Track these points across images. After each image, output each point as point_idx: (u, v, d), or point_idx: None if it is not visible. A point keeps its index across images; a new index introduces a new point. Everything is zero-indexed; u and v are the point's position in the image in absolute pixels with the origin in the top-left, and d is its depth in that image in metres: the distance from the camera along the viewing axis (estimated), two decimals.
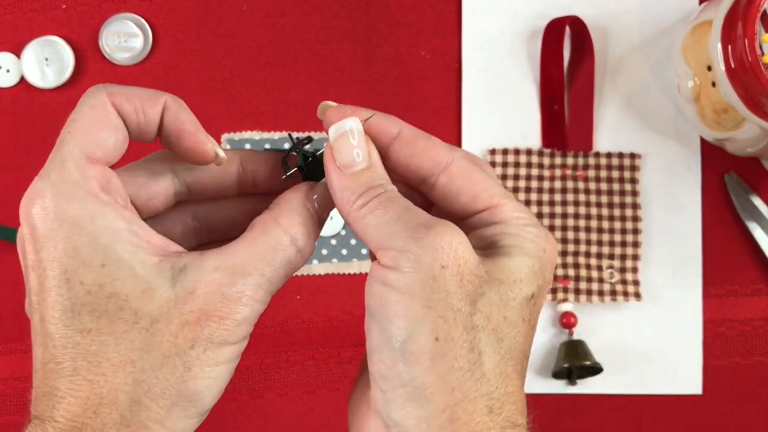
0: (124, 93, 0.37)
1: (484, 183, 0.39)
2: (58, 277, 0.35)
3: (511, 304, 0.36)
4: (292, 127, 0.70)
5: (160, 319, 0.35)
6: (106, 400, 0.35)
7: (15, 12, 0.70)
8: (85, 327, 0.35)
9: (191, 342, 0.35)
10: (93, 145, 0.36)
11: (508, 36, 0.70)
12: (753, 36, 0.57)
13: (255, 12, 0.70)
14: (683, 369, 0.69)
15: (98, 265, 0.35)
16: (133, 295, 0.35)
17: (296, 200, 0.38)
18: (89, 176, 0.36)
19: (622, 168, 0.69)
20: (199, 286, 0.35)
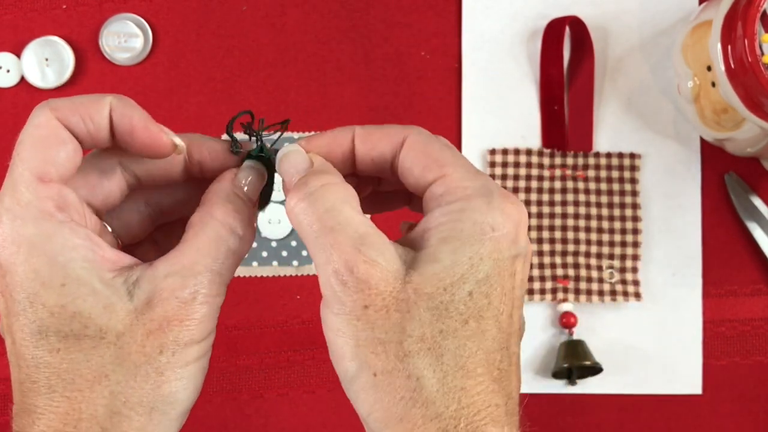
0: (68, 105, 0.37)
1: (436, 153, 0.38)
2: (23, 301, 0.35)
3: (445, 313, 0.35)
4: (292, 127, 0.70)
5: (125, 332, 0.36)
6: (86, 415, 0.35)
7: (15, 12, 0.70)
8: (54, 347, 0.35)
9: (159, 348, 0.36)
10: (43, 164, 0.36)
11: (508, 36, 0.70)
12: (753, 36, 0.57)
13: (255, 12, 0.70)
14: (683, 369, 0.69)
15: (58, 285, 0.35)
16: (95, 312, 0.35)
17: (225, 189, 0.39)
18: (42, 196, 0.36)
19: (622, 168, 0.69)
20: (155, 296, 0.36)
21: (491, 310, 0.36)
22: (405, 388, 0.35)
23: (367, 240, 0.35)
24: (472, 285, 0.35)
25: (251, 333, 0.69)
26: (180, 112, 0.70)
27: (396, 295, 0.35)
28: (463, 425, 0.35)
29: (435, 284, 0.35)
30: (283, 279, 0.69)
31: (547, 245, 0.69)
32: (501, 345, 0.36)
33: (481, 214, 0.36)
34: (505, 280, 0.36)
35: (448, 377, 0.35)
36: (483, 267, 0.35)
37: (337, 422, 0.69)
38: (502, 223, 0.36)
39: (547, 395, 0.69)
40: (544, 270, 0.69)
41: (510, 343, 0.37)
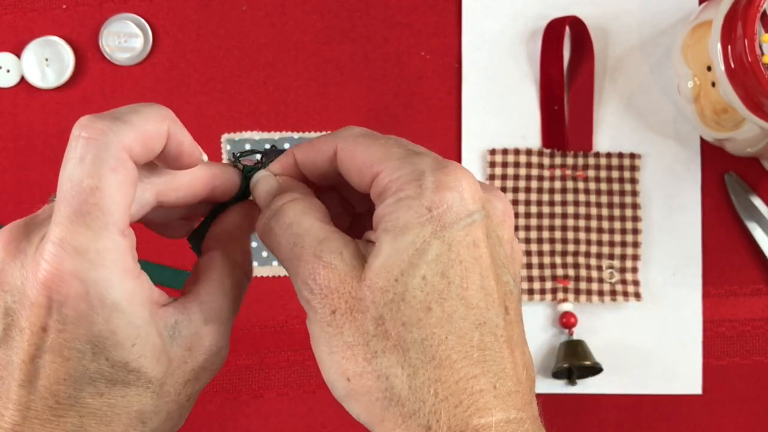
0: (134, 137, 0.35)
1: (362, 155, 0.37)
2: (84, 350, 0.34)
3: (403, 304, 0.34)
4: (292, 127, 0.70)
5: (166, 381, 0.36)
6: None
7: (15, 12, 0.70)
8: (99, 392, 0.35)
9: (188, 396, 0.38)
10: (124, 216, 0.35)
11: (508, 36, 0.70)
12: (753, 36, 0.57)
13: (255, 12, 0.70)
14: (683, 369, 0.69)
15: (130, 345, 0.35)
16: (151, 366, 0.36)
17: (239, 229, 0.40)
18: (124, 253, 0.35)
19: (622, 168, 0.69)
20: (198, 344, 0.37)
21: (453, 289, 0.34)
22: (377, 389, 0.34)
23: (326, 245, 0.35)
24: (423, 269, 0.34)
25: (251, 333, 0.69)
26: (180, 112, 0.69)
27: (355, 294, 0.34)
28: (445, 419, 0.33)
29: (385, 277, 0.34)
30: (283, 279, 0.69)
31: (547, 245, 0.69)
32: (476, 322, 0.35)
33: (414, 199, 0.34)
34: (463, 254, 0.34)
35: (419, 371, 0.34)
36: (430, 248, 0.34)
37: (337, 422, 0.69)
38: (438, 201, 0.34)
39: (547, 395, 0.69)
40: (544, 270, 0.69)
41: (489, 317, 0.35)
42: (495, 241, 0.36)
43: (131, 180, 0.35)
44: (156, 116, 0.36)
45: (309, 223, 0.36)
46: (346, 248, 0.35)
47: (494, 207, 0.36)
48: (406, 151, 0.36)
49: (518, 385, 0.35)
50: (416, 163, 0.35)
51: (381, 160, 0.36)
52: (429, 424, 0.34)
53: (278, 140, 0.69)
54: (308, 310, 0.36)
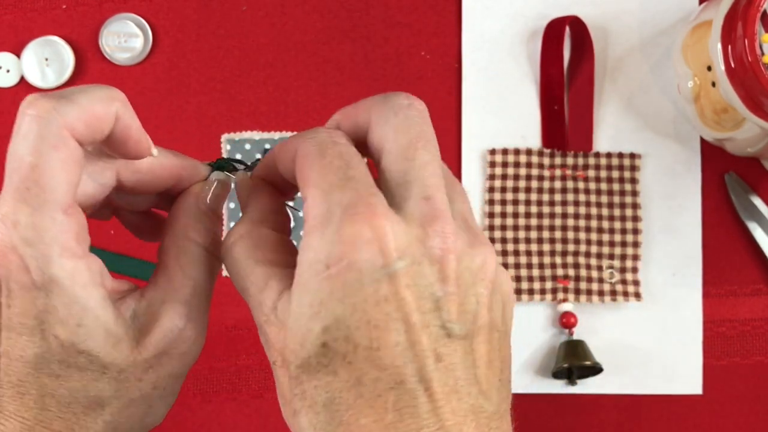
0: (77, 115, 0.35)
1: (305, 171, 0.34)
2: (32, 326, 0.35)
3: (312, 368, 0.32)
4: (292, 127, 0.70)
5: (127, 368, 0.36)
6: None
7: (15, 12, 0.70)
8: (55, 373, 0.35)
9: (153, 384, 0.37)
10: (66, 194, 0.34)
11: (508, 36, 0.70)
12: (753, 36, 0.57)
13: (255, 12, 0.70)
14: (683, 369, 0.69)
15: (74, 324, 0.35)
16: (104, 351, 0.35)
17: (193, 208, 0.39)
18: (65, 230, 0.34)
19: (622, 168, 0.69)
20: (154, 325, 0.36)
21: (361, 352, 0.31)
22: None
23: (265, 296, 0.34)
24: (320, 336, 0.32)
25: (251, 333, 0.69)
26: (180, 112, 0.70)
27: (281, 352, 0.34)
28: None
29: (293, 340, 0.33)
30: None
31: (547, 245, 0.69)
32: (392, 382, 0.32)
33: (314, 251, 0.32)
34: (371, 313, 0.31)
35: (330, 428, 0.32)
36: (327, 313, 0.31)
37: None
38: (338, 255, 0.31)
39: (547, 395, 0.69)
40: (544, 270, 0.69)
41: (408, 373, 0.32)
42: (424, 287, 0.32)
43: (74, 159, 0.34)
44: (104, 97, 0.36)
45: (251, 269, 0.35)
46: (280, 300, 0.34)
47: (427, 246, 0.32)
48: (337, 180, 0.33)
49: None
50: (332, 202, 0.32)
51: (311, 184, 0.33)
52: None
53: (278, 140, 0.69)
54: None
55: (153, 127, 0.69)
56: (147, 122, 0.71)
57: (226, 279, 0.65)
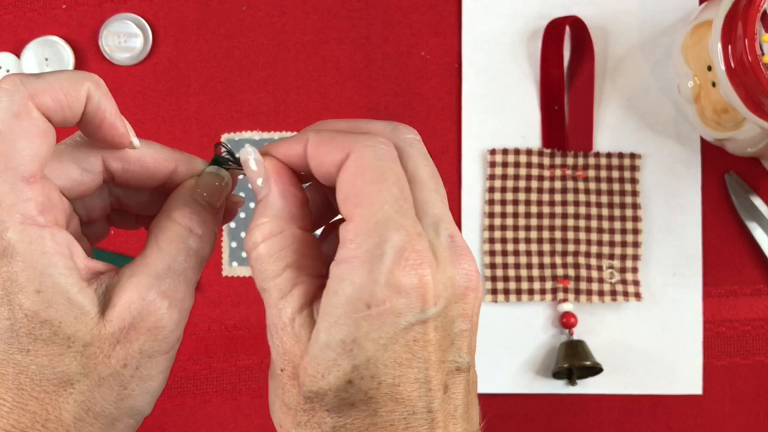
0: (46, 89, 0.35)
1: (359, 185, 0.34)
2: (1, 297, 0.35)
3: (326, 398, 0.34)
4: (292, 127, 0.70)
5: (93, 342, 0.35)
6: (52, 416, 0.36)
7: (15, 12, 0.70)
8: (24, 347, 0.35)
9: (123, 361, 0.36)
10: (28, 162, 0.35)
11: (508, 36, 0.70)
12: (753, 36, 0.57)
13: (255, 12, 0.70)
14: (683, 369, 0.69)
15: (33, 291, 0.35)
16: (66, 321, 0.35)
17: (184, 195, 0.39)
18: (26, 198, 0.35)
19: (622, 168, 0.69)
20: (120, 297, 0.36)
21: (383, 389, 0.33)
22: None
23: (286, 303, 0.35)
24: (348, 373, 0.33)
25: (251, 333, 0.69)
26: (180, 112, 0.70)
27: (297, 363, 0.34)
28: None
29: (314, 368, 0.33)
30: None
31: (547, 245, 0.69)
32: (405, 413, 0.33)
33: (357, 288, 0.32)
34: (398, 352, 0.33)
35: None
36: (361, 351, 0.32)
37: None
38: (381, 298, 0.32)
39: (547, 395, 0.69)
40: (544, 270, 0.69)
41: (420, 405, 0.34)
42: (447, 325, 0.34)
43: (38, 130, 0.35)
44: (75, 77, 0.36)
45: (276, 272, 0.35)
46: (300, 314, 0.34)
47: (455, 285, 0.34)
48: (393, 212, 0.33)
49: None
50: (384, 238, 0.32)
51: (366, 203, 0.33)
52: None
53: (278, 140, 0.69)
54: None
55: (153, 127, 0.69)
56: (147, 122, 0.71)
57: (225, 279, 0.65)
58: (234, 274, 0.69)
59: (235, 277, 0.69)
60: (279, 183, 0.37)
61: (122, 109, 0.72)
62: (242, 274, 0.69)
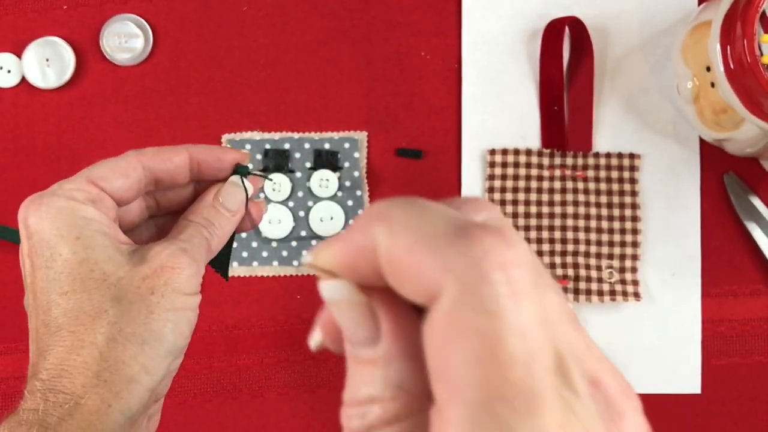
0: (151, 150, 0.47)
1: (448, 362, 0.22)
2: (45, 253, 0.43)
3: None
4: (292, 127, 0.70)
5: (125, 276, 0.43)
6: (87, 342, 0.41)
7: (16, 12, 0.70)
8: (64, 290, 0.42)
9: (150, 289, 0.43)
10: (99, 176, 0.45)
11: (508, 36, 0.70)
12: (752, 37, 0.57)
13: (255, 12, 0.70)
14: (682, 369, 0.69)
15: (73, 237, 0.43)
16: (102, 259, 0.42)
17: (205, 199, 0.48)
18: (81, 188, 0.44)
19: (622, 168, 0.69)
20: (150, 252, 0.44)
21: None
22: None
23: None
24: None
25: (251, 333, 0.69)
26: (180, 112, 0.70)
27: None
28: None
29: None
30: (283, 279, 0.70)
31: (547, 245, 0.69)
32: None
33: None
34: None
35: None
36: None
37: (337, 422, 0.69)
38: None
39: None
40: None
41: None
42: None
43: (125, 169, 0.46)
44: (176, 148, 0.48)
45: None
46: None
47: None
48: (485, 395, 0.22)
49: None
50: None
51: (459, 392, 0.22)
52: None
53: (278, 140, 0.70)
54: None
55: (153, 127, 0.70)
56: (147, 122, 0.72)
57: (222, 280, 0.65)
58: (234, 274, 0.69)
59: (236, 277, 0.69)
60: (398, 340, 0.24)
61: (123, 110, 0.72)
62: (242, 274, 0.69)
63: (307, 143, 0.69)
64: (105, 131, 0.70)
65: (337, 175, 0.69)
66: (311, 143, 0.70)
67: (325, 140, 0.70)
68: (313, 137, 0.70)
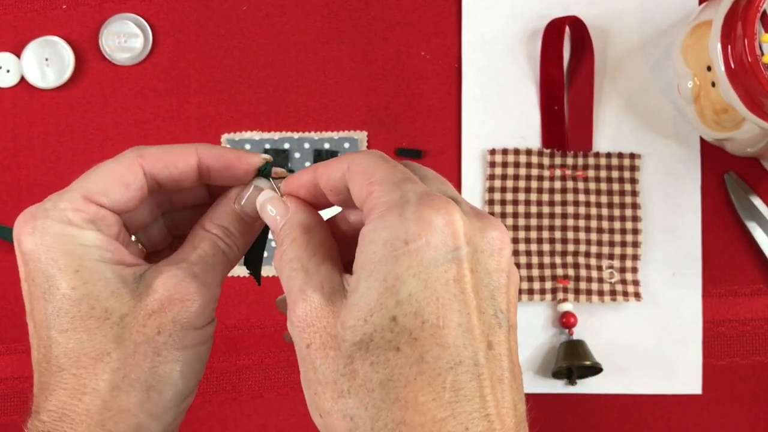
0: (155, 153, 0.41)
1: (369, 171, 0.36)
2: (43, 284, 0.39)
3: (372, 344, 0.33)
4: (292, 127, 0.70)
5: (129, 313, 0.39)
6: (89, 389, 0.38)
7: (15, 12, 0.70)
8: (64, 327, 0.38)
9: (157, 329, 0.39)
10: (96, 191, 0.40)
11: (508, 36, 0.70)
12: (753, 36, 0.57)
13: (255, 12, 0.70)
14: (683, 369, 0.69)
15: (72, 270, 0.39)
16: (103, 295, 0.39)
17: (221, 202, 0.43)
18: (78, 209, 0.40)
19: (622, 168, 0.69)
20: (157, 280, 0.39)
21: (427, 329, 0.33)
22: (342, 429, 0.34)
23: (311, 279, 0.36)
24: (393, 309, 0.33)
25: (251, 333, 0.69)
26: (180, 112, 0.70)
27: (330, 330, 0.34)
28: None
29: (355, 315, 0.33)
30: None
31: (547, 245, 0.69)
32: (451, 362, 0.33)
33: (391, 230, 0.34)
34: (438, 292, 0.33)
35: (382, 413, 0.33)
36: (403, 287, 0.33)
37: None
38: (417, 233, 0.33)
39: (547, 395, 0.69)
40: (544, 270, 0.69)
41: (466, 355, 0.33)
42: (482, 274, 0.35)
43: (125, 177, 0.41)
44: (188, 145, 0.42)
45: (306, 259, 0.37)
46: (329, 282, 0.35)
47: (487, 237, 0.35)
48: (404, 177, 0.36)
49: (500, 424, 0.34)
50: (406, 190, 0.35)
51: (379, 180, 0.35)
52: None
53: (278, 140, 0.69)
54: (294, 343, 0.36)
55: (153, 127, 0.70)
56: (147, 122, 0.72)
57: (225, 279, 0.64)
58: (234, 274, 0.69)
59: (236, 277, 0.69)
60: (295, 201, 0.40)
61: (123, 109, 0.72)
62: (242, 274, 0.69)
63: (306, 143, 0.69)
64: (104, 131, 0.70)
65: None
66: (311, 143, 0.69)
67: (324, 140, 0.69)
68: (313, 137, 0.70)
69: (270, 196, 0.41)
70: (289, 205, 0.40)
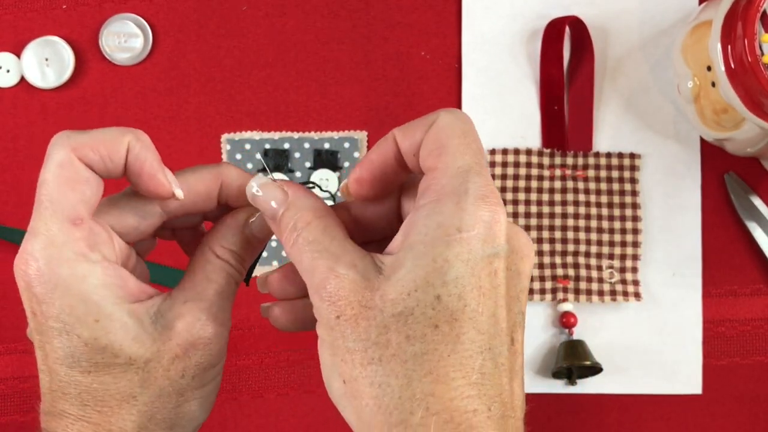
0: (88, 144, 0.39)
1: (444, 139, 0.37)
2: (57, 328, 0.38)
3: (411, 318, 0.35)
4: (292, 127, 0.70)
5: (152, 358, 0.39)
6: (116, 427, 0.39)
7: (15, 12, 0.70)
8: (86, 370, 0.39)
9: (181, 372, 0.40)
10: (72, 207, 0.39)
11: (508, 36, 0.70)
12: (753, 36, 0.57)
13: (255, 12, 0.70)
14: (683, 369, 0.69)
15: (92, 321, 0.38)
16: (126, 344, 0.39)
17: (233, 225, 0.43)
18: (75, 238, 0.39)
19: (622, 168, 0.69)
20: (178, 320, 0.40)
21: (467, 312, 0.35)
22: (368, 395, 0.35)
23: (342, 258, 0.37)
24: (439, 288, 0.35)
25: (251, 333, 0.69)
26: (180, 112, 0.70)
27: (365, 303, 0.35)
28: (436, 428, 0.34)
29: (398, 290, 0.35)
30: None
31: (547, 245, 0.69)
32: (482, 347, 0.35)
33: (447, 216, 0.35)
34: (482, 280, 0.35)
35: (414, 383, 0.35)
36: (451, 269, 0.35)
37: (337, 422, 0.69)
38: (470, 224, 0.35)
39: (547, 395, 0.69)
40: (544, 270, 0.69)
41: (494, 344, 0.36)
42: (514, 274, 0.37)
43: (80, 177, 0.39)
44: (116, 131, 0.40)
45: (327, 242, 0.37)
46: (362, 261, 0.36)
47: (520, 242, 0.37)
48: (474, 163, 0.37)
49: (513, 412, 0.36)
50: (465, 178, 0.36)
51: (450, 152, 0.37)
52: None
53: (278, 140, 0.69)
54: (318, 317, 0.37)
55: (153, 127, 0.70)
56: (147, 122, 0.71)
57: None
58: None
59: None
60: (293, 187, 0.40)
61: (123, 109, 0.72)
62: None
63: (306, 143, 0.69)
64: None
65: (336, 175, 0.69)
66: (311, 143, 0.69)
67: (324, 140, 0.69)
68: (313, 137, 0.70)
69: (264, 181, 0.40)
70: (286, 189, 0.40)
